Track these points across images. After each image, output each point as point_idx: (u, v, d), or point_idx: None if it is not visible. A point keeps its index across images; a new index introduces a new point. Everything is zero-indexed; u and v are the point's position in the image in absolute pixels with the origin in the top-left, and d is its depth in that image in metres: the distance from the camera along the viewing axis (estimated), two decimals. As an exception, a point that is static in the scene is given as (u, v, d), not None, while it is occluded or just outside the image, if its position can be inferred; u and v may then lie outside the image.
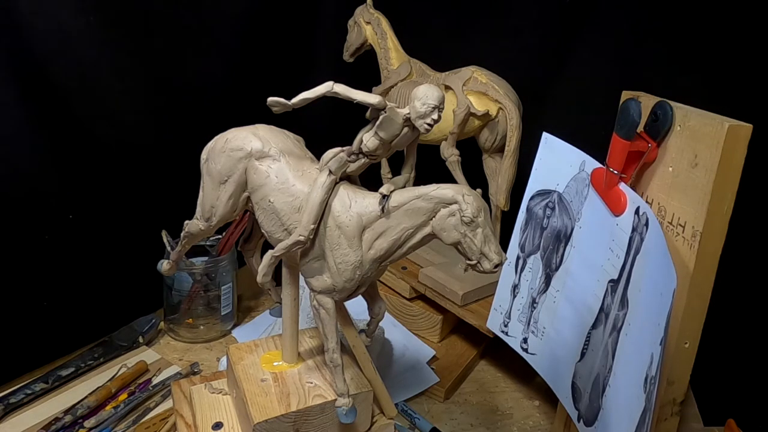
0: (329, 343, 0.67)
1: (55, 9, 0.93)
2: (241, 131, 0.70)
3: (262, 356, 0.77)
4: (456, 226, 0.59)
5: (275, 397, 0.71)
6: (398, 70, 1.11)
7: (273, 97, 0.62)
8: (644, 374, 0.61)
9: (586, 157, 0.78)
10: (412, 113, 0.60)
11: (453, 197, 0.59)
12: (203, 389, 0.79)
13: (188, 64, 1.13)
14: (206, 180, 0.71)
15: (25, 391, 0.90)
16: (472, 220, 0.58)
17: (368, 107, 0.61)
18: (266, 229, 0.68)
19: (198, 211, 0.73)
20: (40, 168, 0.96)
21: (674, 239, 0.67)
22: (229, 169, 0.68)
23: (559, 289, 0.82)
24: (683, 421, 0.72)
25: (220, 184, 0.69)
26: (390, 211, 0.61)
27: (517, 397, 1.02)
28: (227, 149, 0.68)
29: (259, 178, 0.67)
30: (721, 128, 0.61)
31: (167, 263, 0.81)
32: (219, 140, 0.70)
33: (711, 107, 0.66)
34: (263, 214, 0.68)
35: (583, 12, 1.12)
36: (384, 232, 0.62)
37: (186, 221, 0.76)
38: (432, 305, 1.11)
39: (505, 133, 1.00)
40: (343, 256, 0.63)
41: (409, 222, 0.61)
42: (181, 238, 0.77)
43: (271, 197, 0.66)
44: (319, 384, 0.74)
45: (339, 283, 0.64)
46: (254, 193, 0.68)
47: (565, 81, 1.17)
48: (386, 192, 0.61)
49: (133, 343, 1.05)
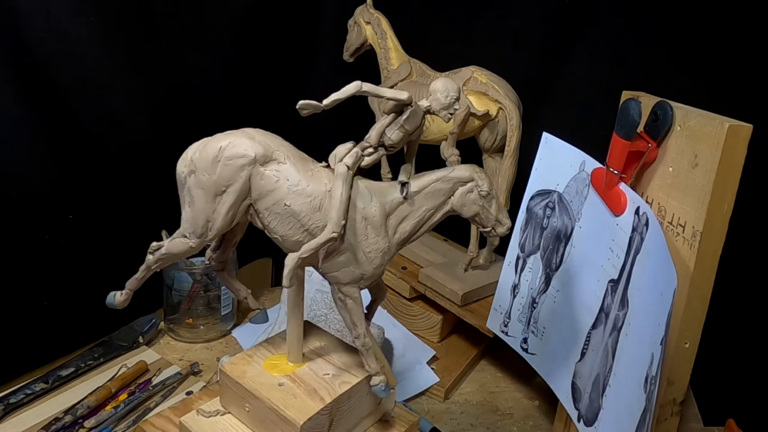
0: (358, 330, 0.69)
1: (55, 9, 0.93)
2: (233, 137, 0.66)
3: (263, 364, 0.75)
4: (475, 201, 0.66)
5: (305, 396, 0.71)
6: (398, 70, 1.11)
7: (304, 100, 0.62)
8: (644, 374, 0.61)
9: (586, 157, 0.78)
10: (435, 105, 0.65)
11: (470, 176, 0.66)
12: (196, 416, 0.74)
13: (188, 64, 1.13)
14: (197, 193, 0.65)
15: (25, 391, 0.90)
16: (489, 193, 0.66)
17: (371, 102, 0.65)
18: (280, 233, 0.67)
19: (186, 228, 0.67)
20: (40, 168, 0.96)
21: (674, 239, 0.67)
22: (228, 179, 0.65)
23: (559, 289, 0.82)
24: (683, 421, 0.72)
25: (216, 195, 0.65)
26: (411, 197, 0.66)
27: (517, 397, 1.02)
28: (223, 158, 0.65)
29: (268, 184, 0.65)
30: (721, 128, 0.61)
31: (121, 294, 0.73)
32: (207, 149, 0.65)
33: (711, 107, 0.66)
34: (276, 219, 0.66)
35: (583, 12, 1.12)
36: (407, 216, 0.67)
37: (155, 243, 0.70)
38: (432, 305, 1.11)
39: (505, 133, 1.00)
40: (372, 245, 0.66)
41: (430, 203, 0.67)
42: (152, 261, 0.70)
43: (286, 201, 0.65)
44: (335, 373, 0.74)
45: (369, 271, 0.67)
46: (262, 199, 0.66)
47: (565, 81, 1.17)
48: (405, 179, 0.67)
49: (133, 343, 1.05)
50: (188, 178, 0.66)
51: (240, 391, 0.72)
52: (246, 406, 0.72)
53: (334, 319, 1.01)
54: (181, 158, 0.67)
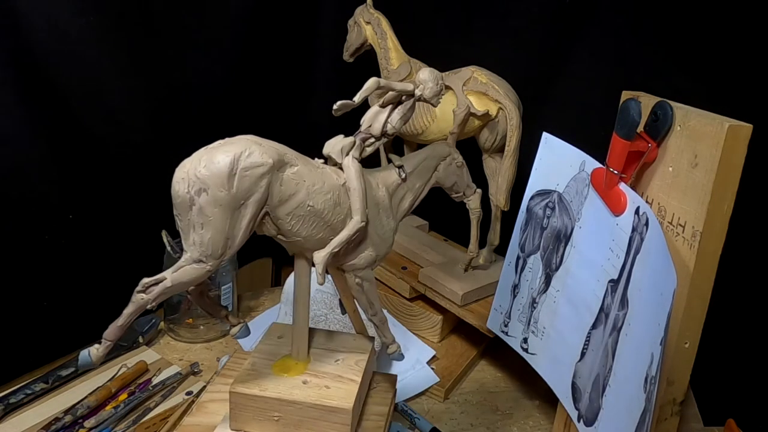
0: (375, 308, 0.75)
1: (55, 9, 0.93)
2: (238, 146, 0.61)
3: (273, 371, 0.74)
4: (454, 171, 0.79)
5: (335, 383, 0.72)
6: (398, 70, 1.11)
7: (340, 101, 0.65)
8: (644, 374, 0.61)
9: (586, 157, 0.78)
10: (428, 93, 0.71)
11: (448, 151, 0.79)
12: None
13: (188, 64, 1.13)
14: (213, 212, 0.60)
15: (25, 391, 0.90)
16: (463, 163, 0.80)
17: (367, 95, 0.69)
18: (304, 235, 0.66)
19: (201, 252, 0.61)
20: (40, 168, 0.96)
21: (674, 239, 0.67)
22: (247, 191, 0.61)
23: (559, 289, 0.82)
24: (683, 421, 0.72)
25: (234, 210, 0.61)
26: (407, 177, 0.74)
27: (517, 397, 1.02)
28: (240, 169, 0.60)
29: (288, 188, 0.64)
30: (721, 128, 0.61)
31: (97, 349, 0.67)
32: (216, 163, 0.60)
33: (711, 107, 0.66)
34: (299, 221, 0.65)
35: (583, 12, 1.12)
36: (405, 194, 0.75)
37: (146, 279, 0.62)
38: (432, 305, 1.11)
39: (505, 133, 1.00)
40: (384, 227, 0.72)
41: (421, 180, 0.76)
42: (149, 299, 0.62)
43: (309, 202, 0.65)
44: (344, 356, 0.76)
45: (383, 251, 0.73)
46: (283, 205, 0.64)
47: (565, 81, 1.17)
48: (399, 163, 0.74)
49: (133, 343, 1.05)
50: (197, 198, 0.60)
51: (264, 404, 0.70)
52: (275, 415, 0.70)
53: (334, 320, 1.01)
54: (180, 178, 0.60)
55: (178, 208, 0.61)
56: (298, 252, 0.71)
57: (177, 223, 0.62)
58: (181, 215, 0.61)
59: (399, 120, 0.71)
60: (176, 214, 0.62)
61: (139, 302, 0.63)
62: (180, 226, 0.62)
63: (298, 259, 0.72)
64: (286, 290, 1.02)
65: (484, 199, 1.05)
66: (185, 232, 0.62)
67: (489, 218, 1.08)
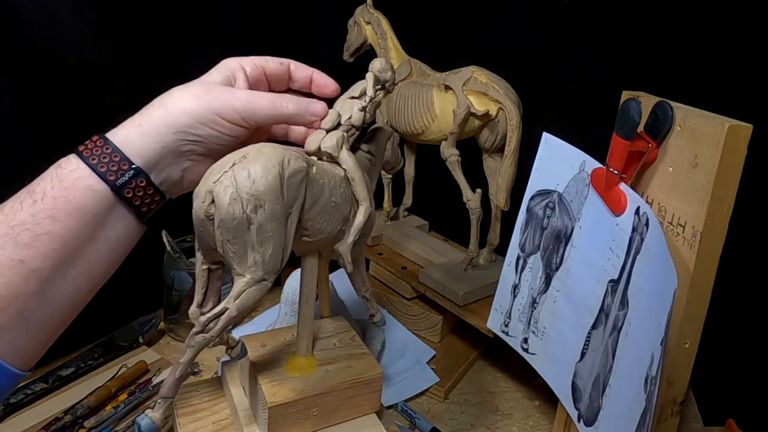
0: (367, 283, 0.78)
1: (55, 9, 0.93)
2: (274, 155, 0.59)
3: (288, 374, 0.73)
4: (390, 146, 0.85)
5: (352, 360, 0.75)
6: (398, 70, 1.11)
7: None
8: (644, 374, 0.61)
9: (586, 157, 0.78)
10: (390, 82, 0.73)
11: (390, 131, 0.84)
12: None
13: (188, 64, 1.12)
14: (273, 226, 0.58)
15: (25, 391, 0.90)
16: (396, 137, 0.91)
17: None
18: (328, 231, 0.66)
19: (263, 271, 0.59)
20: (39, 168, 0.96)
21: (674, 239, 0.67)
22: (293, 198, 0.60)
23: (560, 289, 0.82)
24: (683, 421, 0.72)
25: (285, 219, 0.60)
26: (374, 161, 0.80)
27: (517, 397, 1.02)
28: (286, 177, 0.59)
29: (317, 188, 0.64)
30: (721, 128, 0.61)
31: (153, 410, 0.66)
32: (267, 176, 0.57)
33: (711, 107, 0.66)
34: (326, 219, 0.65)
35: (583, 12, 1.12)
36: (373, 174, 0.79)
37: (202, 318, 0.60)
38: (432, 305, 1.11)
39: (505, 133, 1.00)
40: None
41: (380, 162, 0.82)
42: (214, 334, 0.60)
43: (332, 198, 0.65)
44: (338, 339, 0.79)
45: (370, 230, 0.76)
46: (314, 206, 0.63)
47: (565, 81, 1.17)
48: (368, 148, 0.79)
49: (133, 343, 1.05)
50: (254, 215, 0.57)
51: (302, 405, 0.70)
52: (314, 411, 0.71)
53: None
54: (229, 201, 0.56)
55: (232, 233, 0.57)
56: (306, 251, 0.71)
57: (225, 250, 0.58)
58: (236, 238, 0.57)
59: (375, 110, 0.75)
60: (225, 240, 0.57)
61: (200, 344, 0.60)
62: (231, 251, 0.58)
63: (306, 258, 0.72)
64: (286, 290, 1.02)
65: (484, 199, 1.05)
66: (240, 255, 0.58)
67: (489, 218, 1.08)
